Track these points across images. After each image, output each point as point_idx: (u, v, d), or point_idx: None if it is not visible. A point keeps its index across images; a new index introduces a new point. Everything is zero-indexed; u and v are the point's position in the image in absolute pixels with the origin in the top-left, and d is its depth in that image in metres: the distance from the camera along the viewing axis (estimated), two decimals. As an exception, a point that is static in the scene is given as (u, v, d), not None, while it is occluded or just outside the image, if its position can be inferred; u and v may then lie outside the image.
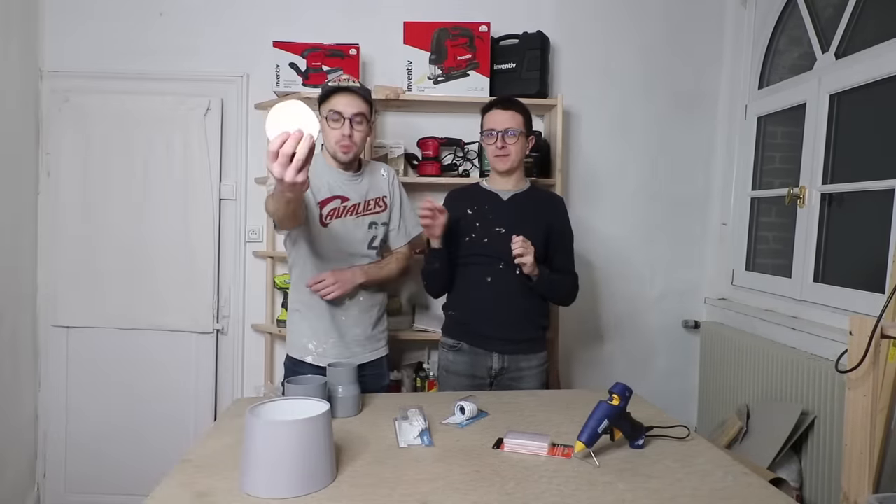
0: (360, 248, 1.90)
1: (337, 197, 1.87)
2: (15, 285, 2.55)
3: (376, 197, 1.94)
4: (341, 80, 1.82)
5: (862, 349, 1.39)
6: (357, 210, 1.90)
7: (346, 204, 1.88)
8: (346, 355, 1.89)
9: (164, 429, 2.75)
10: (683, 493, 1.18)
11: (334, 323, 1.89)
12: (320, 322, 1.89)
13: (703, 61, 2.89)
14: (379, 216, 1.95)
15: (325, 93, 1.82)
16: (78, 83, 2.67)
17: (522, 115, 1.98)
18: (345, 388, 1.60)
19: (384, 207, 1.96)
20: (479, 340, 1.98)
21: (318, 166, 1.84)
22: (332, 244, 1.86)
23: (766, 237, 2.73)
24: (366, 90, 1.84)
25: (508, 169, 1.99)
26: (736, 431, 2.31)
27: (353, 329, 1.91)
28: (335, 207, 1.87)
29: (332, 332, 1.89)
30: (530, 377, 2.01)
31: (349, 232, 1.88)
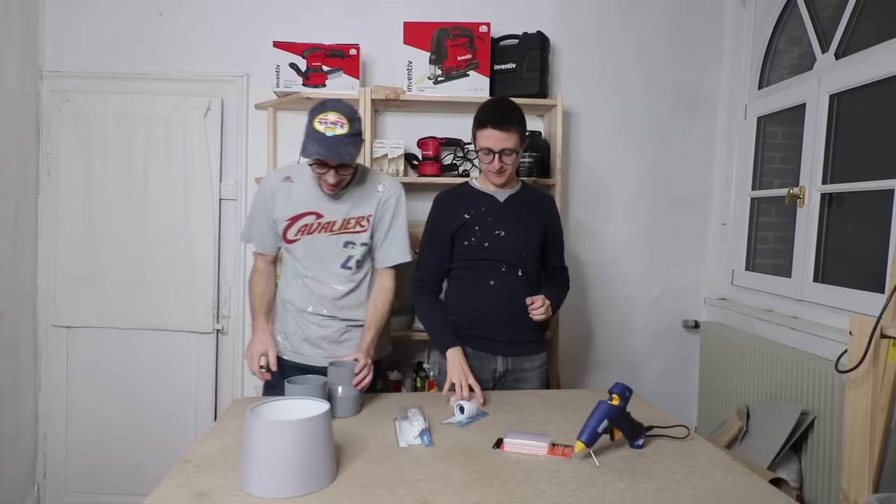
0: (331, 267, 1.85)
1: (312, 213, 1.82)
2: (15, 285, 2.55)
3: (358, 216, 1.84)
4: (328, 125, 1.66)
5: (862, 349, 1.39)
6: (332, 228, 1.83)
7: (320, 220, 1.82)
8: (315, 353, 1.87)
9: (164, 429, 2.74)
10: (683, 493, 1.18)
11: (300, 325, 1.88)
12: (291, 319, 1.90)
13: (703, 61, 2.89)
14: (357, 236, 1.84)
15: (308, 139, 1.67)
16: (78, 83, 2.67)
17: (518, 132, 1.85)
18: (345, 388, 1.61)
19: (366, 228, 1.85)
20: (483, 344, 1.95)
21: (304, 178, 1.83)
22: (305, 259, 1.84)
23: (766, 237, 2.73)
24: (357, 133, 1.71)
25: (504, 182, 1.95)
26: (736, 431, 2.31)
27: (321, 330, 1.88)
28: (308, 223, 1.82)
29: (298, 332, 1.89)
30: (532, 378, 2.00)
31: (320, 249, 1.83)
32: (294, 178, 1.85)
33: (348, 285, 1.86)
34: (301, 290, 1.87)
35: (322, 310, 1.86)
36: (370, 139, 2.55)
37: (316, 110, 1.68)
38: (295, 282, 1.89)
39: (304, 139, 1.67)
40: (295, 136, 2.71)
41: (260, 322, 1.87)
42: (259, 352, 1.79)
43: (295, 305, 1.88)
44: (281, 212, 1.83)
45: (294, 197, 1.83)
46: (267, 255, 1.93)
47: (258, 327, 1.87)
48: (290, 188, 1.84)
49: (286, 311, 1.92)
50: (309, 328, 1.87)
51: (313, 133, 1.65)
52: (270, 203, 1.84)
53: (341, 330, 1.88)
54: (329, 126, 1.65)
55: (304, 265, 1.85)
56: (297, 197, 1.83)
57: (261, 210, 1.87)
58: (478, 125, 1.88)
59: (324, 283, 1.85)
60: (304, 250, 1.84)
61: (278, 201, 1.83)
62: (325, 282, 1.85)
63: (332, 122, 1.66)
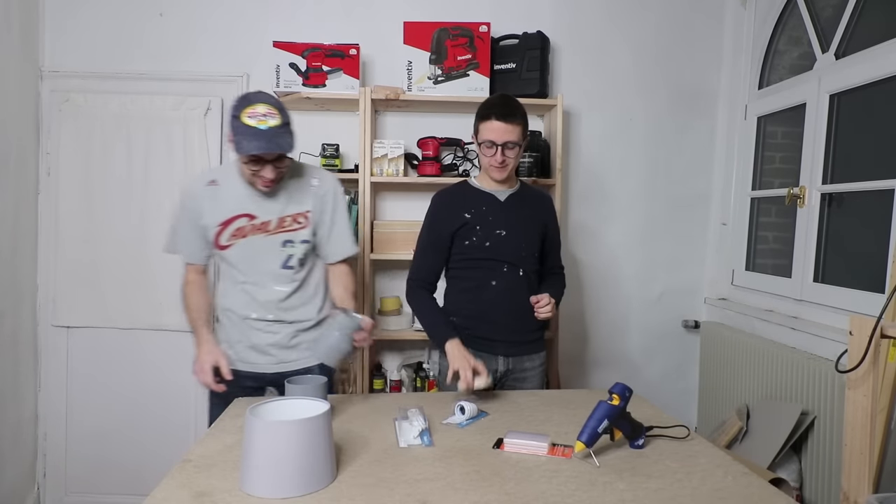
0: (271, 268, 1.77)
1: (244, 215, 1.73)
2: (15, 285, 2.55)
3: (295, 213, 1.77)
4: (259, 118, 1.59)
5: (862, 349, 1.39)
6: (267, 228, 1.74)
7: (253, 222, 1.74)
8: (263, 360, 1.82)
9: (164, 429, 2.75)
10: (683, 493, 1.18)
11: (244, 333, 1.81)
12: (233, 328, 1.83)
13: (703, 61, 2.89)
14: (296, 234, 1.77)
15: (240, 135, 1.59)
16: (78, 83, 2.67)
17: (522, 125, 1.86)
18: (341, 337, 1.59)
19: (304, 224, 1.78)
20: (485, 345, 1.94)
21: (231, 179, 1.75)
22: (241, 264, 1.77)
23: (766, 237, 2.73)
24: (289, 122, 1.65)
25: (505, 178, 1.94)
26: (736, 431, 2.31)
27: (268, 337, 1.81)
28: (241, 226, 1.74)
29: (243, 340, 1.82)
30: (533, 377, 2.00)
31: (257, 252, 1.75)
32: (220, 181, 1.76)
33: (291, 285, 1.79)
34: (241, 297, 1.79)
35: (267, 315, 1.78)
36: (370, 139, 2.55)
37: (240, 105, 1.60)
38: (234, 289, 1.80)
39: (235, 137, 1.58)
40: (295, 136, 2.72)
41: (203, 333, 1.79)
42: (210, 363, 1.72)
43: (236, 313, 1.80)
44: (210, 218, 1.74)
45: (222, 200, 1.73)
46: (197, 265, 1.84)
47: (203, 339, 1.78)
48: (216, 192, 1.74)
49: (228, 319, 1.84)
50: (255, 335, 1.80)
51: (245, 129, 1.56)
52: (197, 210, 1.75)
53: (290, 334, 1.82)
54: (261, 119, 1.57)
55: (242, 270, 1.77)
56: (226, 200, 1.73)
57: (186, 219, 1.78)
58: (481, 117, 1.88)
59: (265, 286, 1.77)
60: (240, 255, 1.75)
61: (205, 207, 1.74)
62: (266, 285, 1.77)
63: (262, 115, 1.58)
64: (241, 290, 1.79)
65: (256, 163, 1.62)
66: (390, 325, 2.63)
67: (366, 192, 2.53)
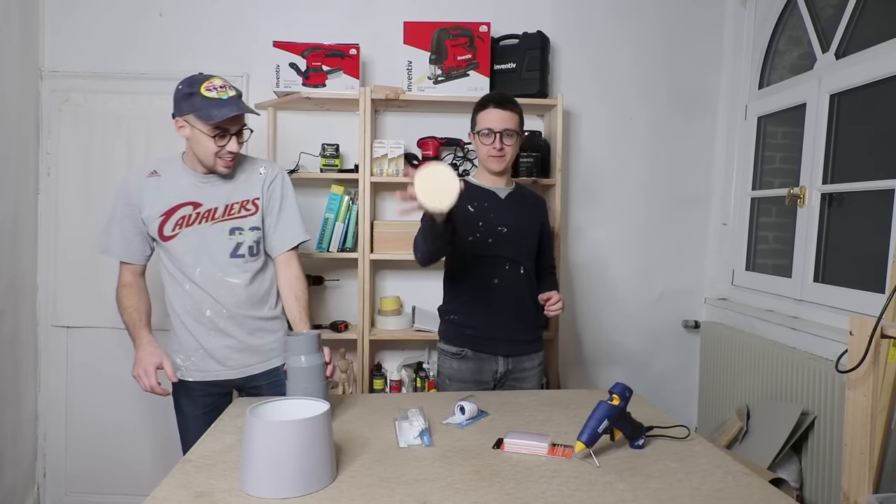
0: (220, 258, 1.71)
1: (187, 203, 1.70)
2: (15, 285, 2.55)
3: (243, 200, 1.74)
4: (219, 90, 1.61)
5: (862, 349, 1.39)
6: (213, 216, 1.71)
7: (199, 210, 1.70)
8: (219, 368, 1.77)
9: (164, 429, 2.74)
10: (683, 493, 1.18)
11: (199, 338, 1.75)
12: (186, 333, 1.76)
13: (703, 61, 2.89)
14: (244, 221, 1.73)
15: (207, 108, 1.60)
16: (78, 83, 2.67)
17: (519, 114, 1.91)
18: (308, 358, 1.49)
19: (252, 211, 1.74)
20: (486, 344, 1.94)
21: (173, 170, 1.73)
22: (188, 256, 1.70)
23: (766, 237, 2.73)
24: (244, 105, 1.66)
25: (503, 169, 1.94)
26: (736, 431, 2.31)
27: (225, 339, 1.75)
28: (185, 215, 1.69)
29: (199, 348, 1.76)
30: (532, 377, 2.01)
31: (205, 240, 1.70)
32: (161, 172, 1.73)
33: (244, 276, 1.74)
34: (192, 296, 1.73)
35: (221, 310, 1.72)
36: (370, 139, 2.55)
37: (192, 83, 1.61)
38: (181, 288, 1.74)
39: (202, 110, 1.58)
40: (295, 136, 2.72)
41: (143, 335, 1.69)
42: (153, 364, 1.63)
43: (189, 314, 1.74)
44: (151, 209, 1.70)
45: (164, 190, 1.70)
46: (135, 264, 1.78)
47: (143, 340, 1.68)
48: (158, 182, 1.71)
49: (180, 324, 1.76)
50: (210, 339, 1.74)
51: (209, 101, 1.58)
52: (136, 202, 1.70)
53: (246, 333, 1.76)
54: (221, 90, 1.61)
55: (189, 262, 1.71)
56: (168, 189, 1.70)
57: (124, 213, 1.72)
58: (479, 107, 1.93)
59: (215, 278, 1.71)
60: (186, 245, 1.70)
61: (146, 198, 1.70)
62: (215, 277, 1.71)
63: (220, 87, 1.62)
64: (191, 288, 1.73)
65: (223, 136, 1.63)
66: (390, 326, 2.63)
67: (366, 192, 2.53)
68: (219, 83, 1.62)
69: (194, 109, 1.60)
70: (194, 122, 1.62)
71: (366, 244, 2.54)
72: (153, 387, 1.64)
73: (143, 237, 1.75)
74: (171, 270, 1.76)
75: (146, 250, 1.78)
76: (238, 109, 1.60)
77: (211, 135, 1.62)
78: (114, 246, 1.76)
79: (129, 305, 1.75)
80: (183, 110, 1.63)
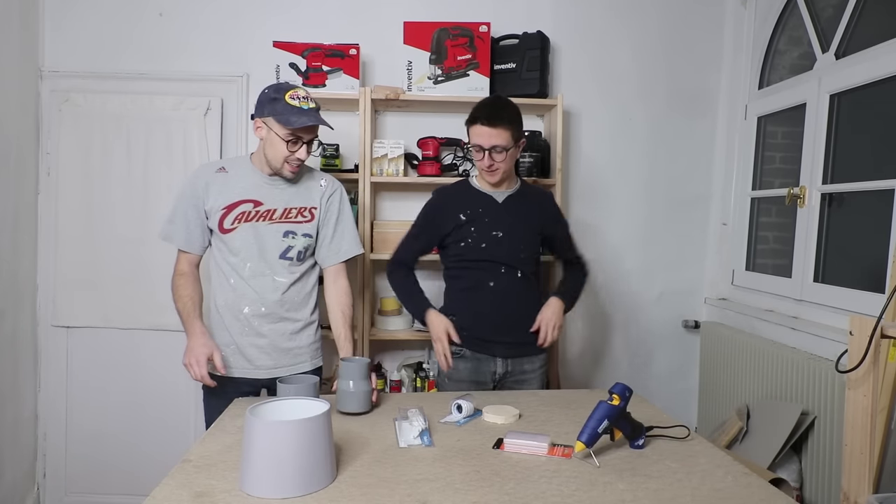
0: (270, 256, 1.79)
1: (249, 200, 1.78)
2: (15, 285, 2.55)
3: (301, 206, 1.82)
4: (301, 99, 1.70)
5: (862, 349, 1.39)
6: (271, 216, 1.79)
7: (258, 209, 1.78)
8: (248, 367, 1.82)
9: (164, 429, 2.74)
10: (683, 493, 1.18)
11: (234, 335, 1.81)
12: (225, 329, 1.82)
13: (703, 61, 2.89)
14: (299, 226, 1.81)
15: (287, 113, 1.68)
16: (78, 83, 2.67)
17: (509, 129, 1.84)
18: (356, 383, 1.60)
19: (308, 218, 1.82)
20: (482, 345, 1.95)
21: (240, 169, 1.81)
22: (242, 250, 1.78)
23: (766, 237, 2.73)
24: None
25: (498, 181, 1.94)
26: (736, 431, 2.31)
27: (259, 339, 1.81)
28: (245, 211, 1.78)
29: (233, 344, 1.82)
30: (533, 379, 2.00)
31: (259, 237, 1.78)
32: (229, 169, 1.82)
33: (290, 276, 1.81)
34: (236, 290, 1.79)
35: (260, 308, 1.79)
36: (370, 139, 2.55)
37: (280, 89, 1.71)
38: (227, 282, 1.81)
39: (282, 115, 1.67)
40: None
41: (196, 324, 1.76)
42: (204, 355, 1.69)
43: (229, 309, 1.80)
44: (215, 202, 1.77)
45: (230, 186, 1.79)
46: (192, 254, 1.84)
47: (196, 330, 1.74)
48: (225, 178, 1.80)
49: (220, 318, 1.83)
50: (245, 337, 1.80)
51: (291, 108, 1.67)
52: (202, 195, 1.78)
53: (280, 336, 1.81)
54: (303, 101, 1.70)
55: (242, 257, 1.78)
56: (234, 185, 1.79)
57: (190, 204, 1.79)
58: (469, 121, 1.90)
59: (263, 275, 1.78)
60: (242, 240, 1.77)
61: (212, 192, 1.78)
62: (264, 273, 1.78)
63: (303, 97, 1.71)
64: (236, 282, 1.80)
65: (295, 143, 1.71)
66: (390, 326, 2.63)
67: (366, 192, 2.53)
68: (302, 94, 1.72)
69: (275, 113, 1.68)
70: (272, 124, 1.70)
71: (366, 244, 2.54)
72: (203, 376, 1.70)
73: (204, 229, 1.82)
74: (220, 263, 1.83)
75: (204, 242, 1.84)
76: (315, 121, 1.69)
77: (285, 139, 1.70)
78: (176, 234, 1.83)
79: (184, 294, 1.81)
80: (264, 112, 1.71)
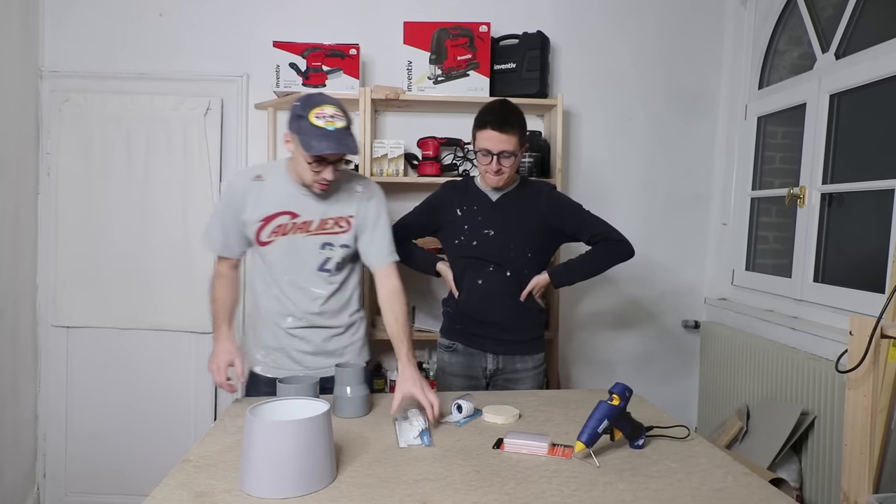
0: (308, 269, 1.75)
1: (286, 213, 1.73)
2: (15, 285, 2.55)
3: (337, 217, 1.76)
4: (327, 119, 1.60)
5: (862, 349, 1.39)
6: (308, 228, 1.74)
7: (295, 220, 1.73)
8: (296, 368, 1.79)
9: (164, 429, 2.74)
10: (683, 493, 1.18)
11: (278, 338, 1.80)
12: (267, 331, 1.81)
13: (703, 61, 2.89)
14: (336, 237, 1.75)
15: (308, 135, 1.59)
16: (78, 83, 2.67)
17: (518, 134, 1.85)
18: (353, 389, 1.60)
19: (346, 228, 1.76)
20: (473, 340, 1.99)
21: (276, 176, 1.75)
22: (279, 263, 1.75)
23: (766, 237, 2.73)
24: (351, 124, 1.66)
25: (501, 185, 1.94)
26: (736, 431, 2.31)
27: (301, 343, 1.79)
28: (282, 224, 1.73)
29: (278, 347, 1.81)
30: (527, 379, 2.00)
31: (297, 251, 1.73)
32: (265, 177, 1.76)
33: (328, 287, 1.78)
34: (277, 302, 1.78)
35: (300, 321, 1.77)
36: (370, 139, 2.55)
37: (307, 105, 1.60)
38: (269, 291, 1.79)
39: (303, 137, 1.59)
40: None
41: (223, 330, 1.76)
42: (226, 362, 1.69)
43: (272, 318, 1.79)
44: (252, 213, 1.73)
45: (266, 196, 1.73)
46: (231, 259, 1.82)
47: (221, 335, 1.75)
48: (261, 187, 1.74)
49: (262, 321, 1.82)
50: (289, 342, 1.79)
51: (313, 129, 1.57)
52: (240, 204, 1.74)
53: (322, 340, 1.80)
54: (329, 120, 1.59)
55: (279, 270, 1.75)
56: (270, 196, 1.73)
57: (228, 213, 1.76)
58: (478, 125, 1.88)
59: (302, 287, 1.76)
60: (280, 253, 1.74)
61: (249, 202, 1.74)
62: (303, 286, 1.76)
63: (330, 116, 1.59)
64: (277, 293, 1.77)
65: (319, 163, 1.62)
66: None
67: (366, 192, 2.53)
68: (329, 112, 1.60)
69: (299, 133, 1.60)
70: (297, 143, 1.62)
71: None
72: (222, 383, 1.70)
73: (241, 236, 1.78)
74: (262, 272, 1.81)
75: (243, 247, 1.82)
76: (336, 148, 1.58)
77: (308, 161, 1.62)
78: (214, 242, 1.81)
79: (217, 297, 1.81)
80: (291, 127, 1.64)
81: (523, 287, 1.97)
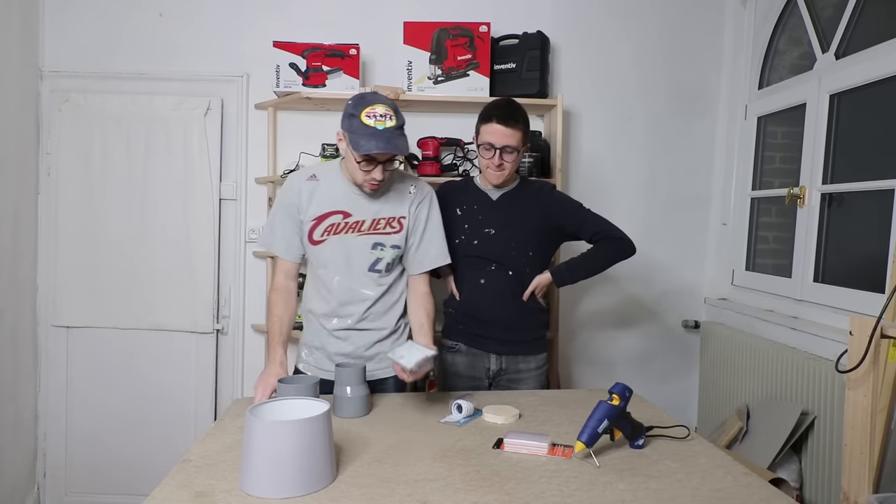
0: (358, 269, 1.75)
1: (339, 212, 1.73)
2: (15, 285, 2.55)
3: (389, 217, 1.75)
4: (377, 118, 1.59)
5: (862, 349, 1.39)
6: (360, 228, 1.74)
7: (347, 220, 1.73)
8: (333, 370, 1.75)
9: (164, 429, 2.74)
10: (683, 493, 1.18)
11: (322, 340, 1.80)
12: (313, 332, 1.83)
13: (702, 61, 2.89)
14: (387, 238, 1.75)
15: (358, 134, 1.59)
16: (78, 83, 2.67)
17: (522, 130, 1.86)
18: (353, 389, 1.61)
19: (397, 229, 1.76)
20: (476, 341, 1.99)
21: (330, 176, 1.76)
22: (330, 263, 1.75)
23: (766, 237, 2.73)
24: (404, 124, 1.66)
25: (502, 182, 1.94)
26: (736, 431, 2.31)
27: (344, 346, 1.79)
28: (335, 223, 1.73)
29: (322, 348, 1.81)
30: (529, 379, 2.00)
31: (348, 250, 1.74)
32: (320, 177, 1.77)
33: (377, 289, 1.77)
34: (326, 300, 1.77)
35: (346, 321, 1.76)
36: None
37: (359, 104, 1.60)
38: (317, 291, 1.80)
39: (353, 135, 1.59)
40: (295, 136, 2.72)
41: (277, 352, 1.73)
42: (272, 387, 1.65)
43: (318, 319, 1.80)
44: (307, 212, 1.74)
45: (320, 196, 1.74)
46: (290, 263, 1.80)
47: (275, 358, 1.72)
48: (315, 187, 1.75)
49: (309, 322, 1.84)
50: (333, 344, 1.78)
51: (364, 128, 1.57)
52: (297, 203, 1.75)
53: (366, 345, 1.79)
54: (379, 119, 1.58)
55: (331, 269, 1.75)
56: (324, 195, 1.74)
57: (286, 212, 1.77)
58: (483, 119, 1.89)
59: (351, 288, 1.75)
60: (331, 252, 1.74)
61: (304, 201, 1.74)
62: (352, 287, 1.75)
63: (381, 115, 1.59)
64: (326, 294, 1.77)
65: (369, 163, 1.62)
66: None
67: (366, 192, 2.53)
68: (380, 111, 1.59)
69: (350, 132, 1.61)
70: (347, 142, 1.63)
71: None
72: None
73: (302, 236, 1.78)
74: (313, 273, 1.82)
75: (302, 250, 1.81)
76: (385, 148, 1.57)
77: (357, 160, 1.63)
78: (276, 243, 1.80)
79: (274, 314, 1.78)
80: (343, 126, 1.64)
81: (525, 286, 1.97)
